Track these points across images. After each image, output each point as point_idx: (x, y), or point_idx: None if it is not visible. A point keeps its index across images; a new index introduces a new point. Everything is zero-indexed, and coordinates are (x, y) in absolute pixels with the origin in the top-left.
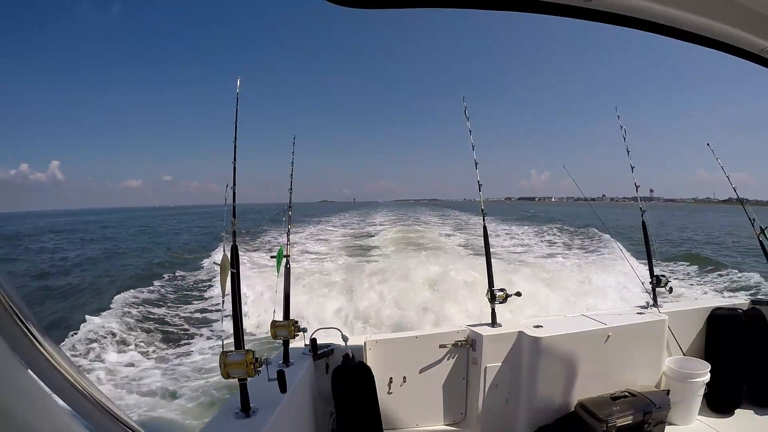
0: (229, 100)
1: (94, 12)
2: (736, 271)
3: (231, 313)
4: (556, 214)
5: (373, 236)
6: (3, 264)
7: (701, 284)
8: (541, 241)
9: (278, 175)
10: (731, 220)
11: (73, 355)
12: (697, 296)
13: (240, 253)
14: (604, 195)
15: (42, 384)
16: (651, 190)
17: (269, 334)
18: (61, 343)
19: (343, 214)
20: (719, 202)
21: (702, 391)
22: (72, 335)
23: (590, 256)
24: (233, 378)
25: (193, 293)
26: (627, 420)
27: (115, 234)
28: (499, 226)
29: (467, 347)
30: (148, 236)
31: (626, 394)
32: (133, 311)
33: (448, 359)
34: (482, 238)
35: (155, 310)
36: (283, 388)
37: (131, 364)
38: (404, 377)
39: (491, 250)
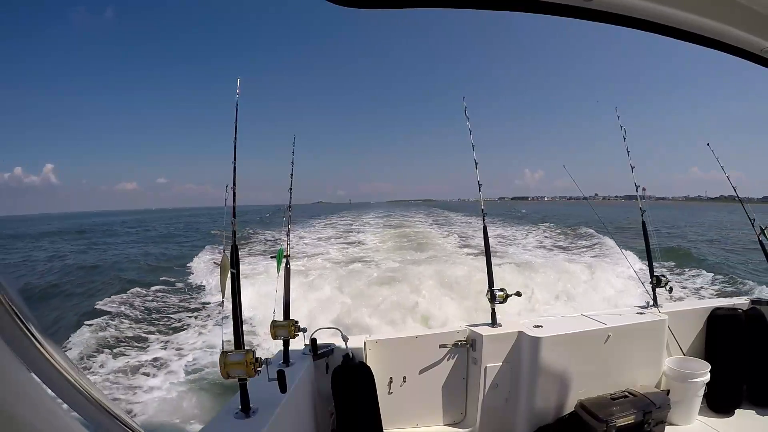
0: (224, 103)
1: (87, 16)
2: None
3: (231, 314)
4: (549, 212)
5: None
6: (3, 264)
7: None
8: (538, 241)
9: (274, 177)
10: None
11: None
12: (698, 296)
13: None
14: (596, 194)
15: (42, 384)
16: (643, 189)
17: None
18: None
19: (339, 215)
20: (708, 200)
21: (702, 391)
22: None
23: (589, 255)
24: (233, 378)
25: (193, 293)
26: (627, 420)
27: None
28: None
29: (467, 347)
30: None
31: (626, 394)
32: (130, 311)
33: (448, 359)
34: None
35: (153, 307)
36: (283, 388)
37: (129, 366)
38: (404, 377)
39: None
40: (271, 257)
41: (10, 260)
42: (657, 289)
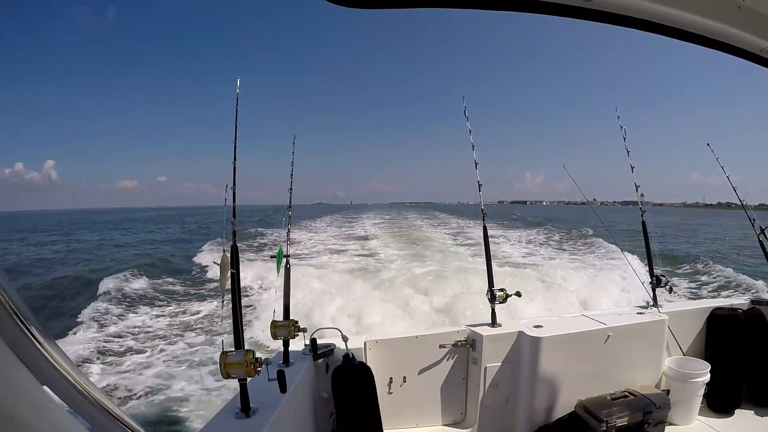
0: (224, 103)
1: (89, 16)
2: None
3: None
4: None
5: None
6: (3, 264)
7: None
8: (539, 244)
9: (272, 177)
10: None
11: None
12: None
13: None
14: (595, 199)
15: (42, 384)
16: (641, 194)
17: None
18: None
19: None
20: (704, 206)
21: (702, 391)
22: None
23: (589, 256)
24: (233, 378)
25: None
26: (627, 420)
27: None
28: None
29: (467, 347)
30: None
31: (626, 394)
32: (129, 311)
33: (448, 359)
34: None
35: (152, 310)
36: (283, 388)
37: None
38: (404, 377)
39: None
40: (271, 257)
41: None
42: (657, 289)
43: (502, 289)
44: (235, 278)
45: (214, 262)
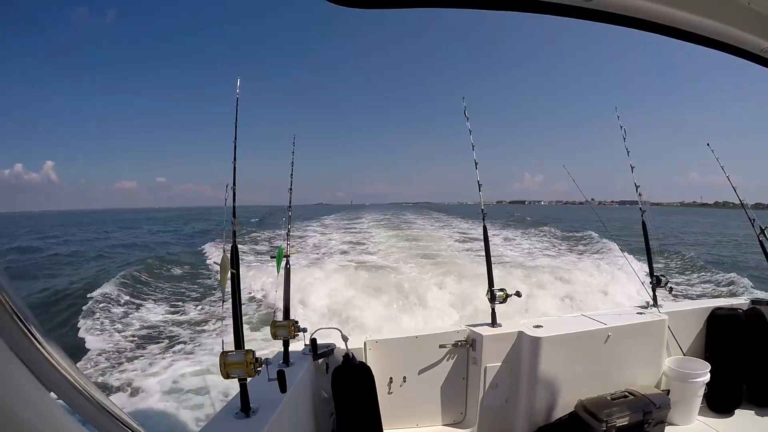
0: (224, 104)
1: (88, 17)
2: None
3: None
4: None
5: None
6: (3, 264)
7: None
8: (538, 243)
9: (270, 178)
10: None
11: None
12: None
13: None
14: (593, 198)
15: (42, 384)
16: (639, 194)
17: None
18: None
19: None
20: (701, 205)
21: (702, 391)
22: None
23: (588, 256)
24: (233, 378)
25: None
26: (627, 420)
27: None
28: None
29: (467, 347)
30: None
31: (626, 394)
32: (127, 310)
33: (448, 359)
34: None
35: (152, 307)
36: (283, 388)
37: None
38: (404, 377)
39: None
40: (271, 257)
41: None
42: (657, 289)
43: (502, 289)
44: (235, 278)
45: (215, 263)
